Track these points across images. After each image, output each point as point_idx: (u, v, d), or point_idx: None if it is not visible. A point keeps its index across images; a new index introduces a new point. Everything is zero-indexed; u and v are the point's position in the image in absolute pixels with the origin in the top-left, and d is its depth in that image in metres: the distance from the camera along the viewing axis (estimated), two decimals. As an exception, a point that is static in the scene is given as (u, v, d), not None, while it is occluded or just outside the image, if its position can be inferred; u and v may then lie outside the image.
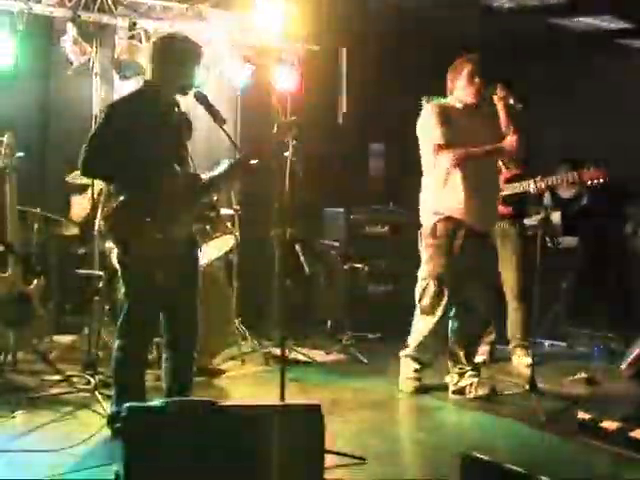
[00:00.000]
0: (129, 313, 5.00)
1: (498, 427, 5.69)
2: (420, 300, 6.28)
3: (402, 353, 6.49)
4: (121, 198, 4.88)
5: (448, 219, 6.11)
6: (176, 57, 4.99)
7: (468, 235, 6.10)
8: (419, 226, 6.33)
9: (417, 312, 6.35)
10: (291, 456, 3.85)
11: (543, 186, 7.06)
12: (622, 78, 9.16)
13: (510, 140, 6.14)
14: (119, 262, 5.05)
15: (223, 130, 5.05)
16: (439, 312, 6.19)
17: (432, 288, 6.18)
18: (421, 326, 6.31)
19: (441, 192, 6.13)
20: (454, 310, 6.30)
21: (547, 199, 8.82)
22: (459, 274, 6.14)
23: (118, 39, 7.53)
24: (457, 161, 6.04)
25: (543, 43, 9.24)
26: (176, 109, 5.08)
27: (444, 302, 6.17)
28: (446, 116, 6.13)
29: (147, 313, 4.98)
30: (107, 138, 4.81)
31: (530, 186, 6.94)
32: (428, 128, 6.16)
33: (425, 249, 6.23)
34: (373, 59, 9.12)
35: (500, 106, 6.18)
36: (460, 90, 6.23)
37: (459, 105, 6.24)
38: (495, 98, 6.19)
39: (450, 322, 6.33)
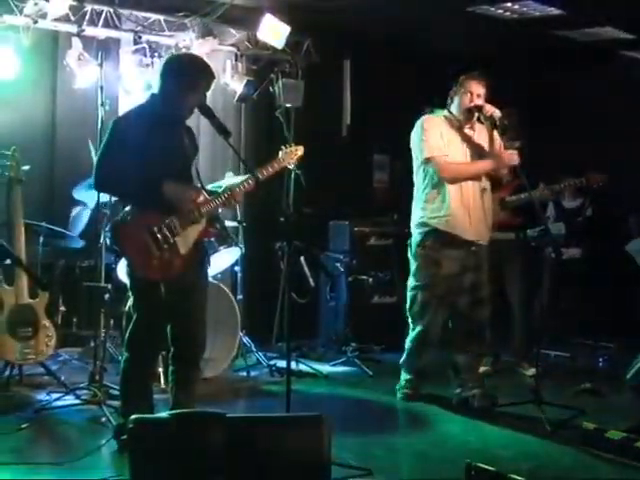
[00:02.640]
0: (136, 326, 5.01)
1: (502, 438, 5.69)
2: (410, 310, 6.38)
3: (400, 361, 6.55)
4: (126, 210, 4.91)
5: (436, 231, 6.18)
6: (188, 78, 4.95)
7: (456, 246, 6.17)
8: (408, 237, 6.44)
9: (410, 321, 6.44)
10: (297, 468, 3.86)
11: (549, 193, 7.10)
12: (623, 91, 9.19)
13: (505, 155, 6.20)
14: (127, 275, 5.09)
15: (228, 143, 5.06)
16: (426, 322, 6.28)
17: (419, 298, 6.28)
18: (411, 335, 6.40)
19: (429, 204, 6.21)
20: (452, 321, 6.34)
21: (550, 210, 8.84)
22: (448, 285, 6.21)
23: (123, 53, 7.58)
24: (445, 173, 6.12)
25: (544, 54, 9.26)
26: (181, 126, 5.08)
27: (432, 311, 6.25)
28: (437, 129, 6.21)
29: (154, 326, 4.98)
30: (115, 154, 4.81)
31: (537, 193, 6.97)
32: (418, 141, 6.25)
33: (414, 259, 6.32)
34: (377, 71, 9.16)
35: (487, 125, 6.24)
36: (455, 106, 6.29)
37: (452, 119, 6.29)
38: (482, 118, 6.26)
39: (449, 333, 6.39)
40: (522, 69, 9.35)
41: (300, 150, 5.47)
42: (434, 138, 6.17)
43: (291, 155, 5.43)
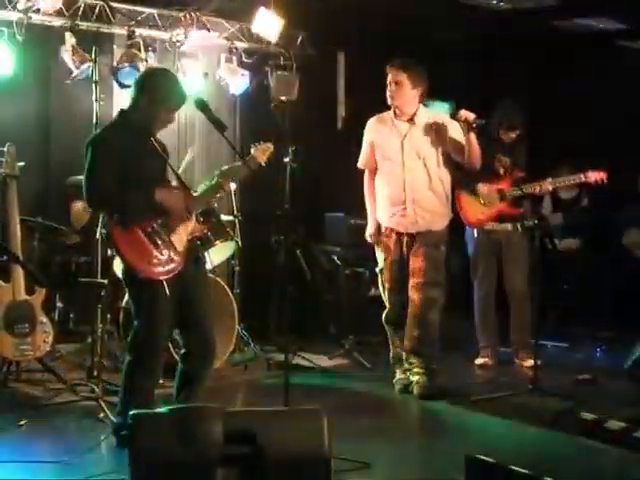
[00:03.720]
0: (140, 330, 5.01)
1: (501, 428, 5.71)
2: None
3: None
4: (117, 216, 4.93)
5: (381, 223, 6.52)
6: (161, 95, 5.01)
7: (395, 237, 6.42)
8: None
9: None
10: (297, 462, 3.85)
11: (551, 188, 7.12)
12: (620, 79, 9.17)
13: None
14: (124, 280, 5.10)
15: (224, 137, 5.06)
16: (386, 304, 6.52)
17: (380, 281, 6.57)
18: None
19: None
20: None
21: (547, 201, 8.85)
22: (393, 272, 6.43)
23: (116, 48, 7.56)
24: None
25: (540, 45, 9.25)
26: (153, 138, 5.12)
27: (386, 295, 6.51)
28: (369, 137, 6.59)
29: (158, 329, 4.98)
30: (101, 173, 4.86)
31: (538, 188, 7.00)
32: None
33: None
34: (371, 63, 9.14)
35: (464, 127, 6.28)
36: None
37: (386, 116, 6.54)
38: (458, 121, 6.32)
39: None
40: (521, 58, 9.34)
41: (271, 146, 5.47)
42: (365, 147, 6.60)
43: (263, 151, 5.42)
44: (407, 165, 6.33)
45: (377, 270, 6.63)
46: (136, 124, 5.02)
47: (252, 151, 5.41)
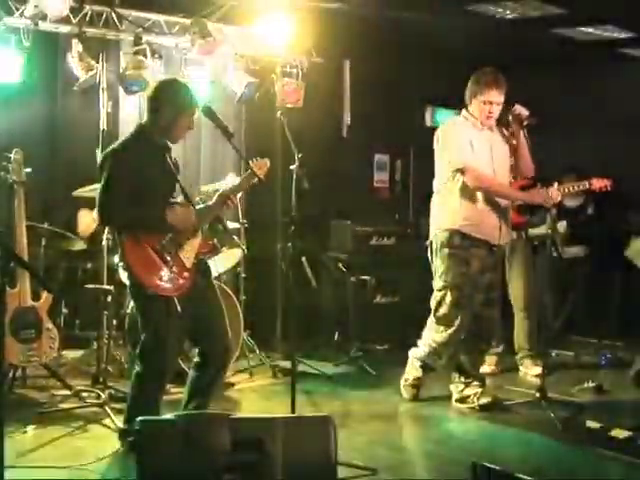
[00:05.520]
0: (145, 343, 5.02)
1: (507, 436, 5.70)
2: (436, 311, 6.25)
3: (412, 354, 6.52)
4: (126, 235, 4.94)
5: (464, 232, 6.11)
6: (181, 102, 5.03)
7: (481, 248, 6.13)
8: (426, 238, 6.37)
9: (431, 321, 6.33)
10: (304, 468, 3.86)
11: (558, 195, 7.09)
12: (624, 87, 9.19)
13: (543, 193, 6.25)
14: (131, 293, 5.12)
15: (231, 144, 5.07)
16: (457, 322, 6.16)
17: (449, 298, 6.16)
18: (437, 337, 6.27)
19: (456, 207, 6.13)
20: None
21: (553, 208, 8.83)
22: (473, 285, 6.16)
23: (123, 54, 7.57)
24: (477, 183, 6.06)
25: (545, 53, 9.27)
26: (168, 155, 5.12)
27: (462, 312, 6.15)
28: (466, 135, 6.13)
29: (167, 342, 4.98)
30: (117, 188, 4.85)
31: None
32: (449, 148, 6.16)
33: (442, 260, 6.20)
34: (377, 71, 9.16)
35: (516, 126, 6.20)
36: (475, 108, 6.20)
37: (475, 124, 6.21)
38: (511, 117, 6.21)
39: None
40: (522, 67, 9.34)
41: (267, 162, 5.46)
42: (465, 145, 6.10)
43: (260, 167, 5.41)
44: None
45: None
46: (156, 138, 5.04)
47: (250, 165, 5.40)
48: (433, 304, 6.27)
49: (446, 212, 6.19)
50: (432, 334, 6.31)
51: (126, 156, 4.96)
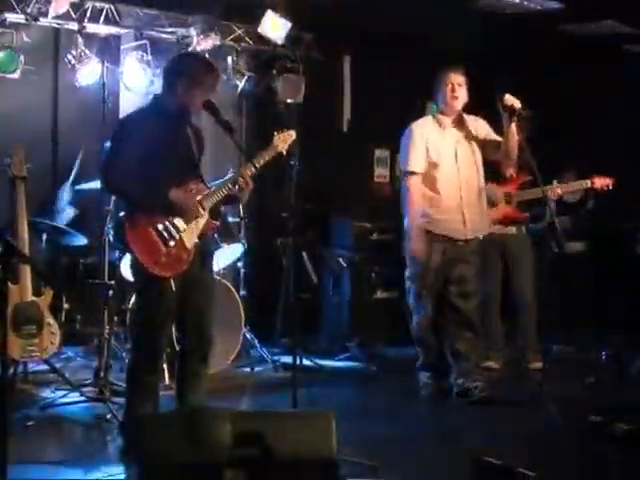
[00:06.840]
0: (144, 325, 5.03)
1: (509, 431, 5.71)
2: (408, 300, 6.48)
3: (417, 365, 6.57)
4: (129, 210, 4.92)
5: (425, 228, 6.27)
6: (194, 76, 4.96)
7: (443, 242, 6.27)
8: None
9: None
10: (305, 464, 3.86)
11: (560, 192, 7.09)
12: (625, 84, 9.18)
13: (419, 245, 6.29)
14: (132, 272, 5.11)
15: (233, 140, 5.06)
16: (422, 312, 6.37)
17: (412, 290, 6.39)
18: (411, 327, 6.49)
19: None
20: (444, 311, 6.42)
21: (552, 204, 8.83)
22: (436, 278, 6.30)
23: (124, 49, 7.58)
24: (409, 193, 6.28)
25: (545, 49, 9.26)
26: (187, 123, 5.07)
27: (424, 303, 6.35)
28: (422, 141, 6.28)
29: (162, 324, 4.96)
30: (122, 154, 4.82)
31: (546, 192, 6.97)
32: (401, 150, 6.46)
33: (407, 254, 6.41)
34: (377, 66, 9.16)
35: (506, 117, 6.19)
36: (441, 103, 6.33)
37: (442, 121, 6.34)
38: (501, 107, 6.20)
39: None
40: (522, 64, 9.34)
41: (293, 134, 5.42)
42: (417, 150, 6.29)
43: (285, 139, 5.38)
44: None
45: None
46: (174, 108, 4.97)
47: (274, 139, 5.37)
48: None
49: (407, 209, 6.36)
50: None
51: (138, 123, 4.94)
